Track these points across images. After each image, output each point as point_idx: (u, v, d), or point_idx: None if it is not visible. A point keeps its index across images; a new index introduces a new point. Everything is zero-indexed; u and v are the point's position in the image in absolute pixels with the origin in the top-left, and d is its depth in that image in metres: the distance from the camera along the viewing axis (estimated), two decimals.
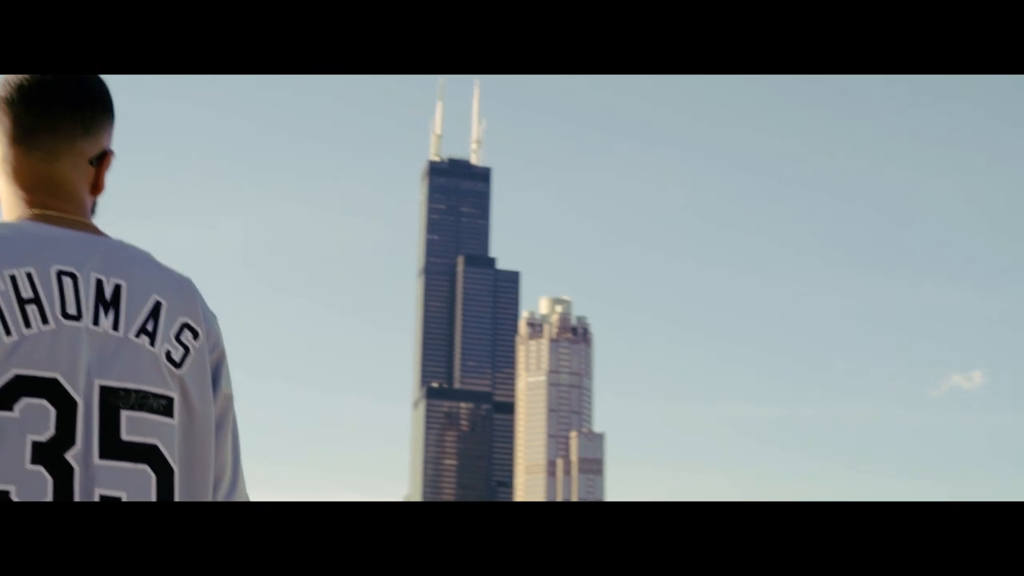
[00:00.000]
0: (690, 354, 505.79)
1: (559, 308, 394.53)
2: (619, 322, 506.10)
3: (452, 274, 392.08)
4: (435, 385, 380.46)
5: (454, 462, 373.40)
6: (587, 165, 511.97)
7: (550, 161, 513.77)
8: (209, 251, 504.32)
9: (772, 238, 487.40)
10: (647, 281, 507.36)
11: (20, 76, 2.24)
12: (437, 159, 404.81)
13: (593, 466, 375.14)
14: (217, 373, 2.30)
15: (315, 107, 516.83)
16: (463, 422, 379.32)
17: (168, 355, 2.20)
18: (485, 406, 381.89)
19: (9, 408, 2.03)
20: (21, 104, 2.22)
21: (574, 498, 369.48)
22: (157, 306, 2.21)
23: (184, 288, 2.28)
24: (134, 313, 2.19)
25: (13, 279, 2.09)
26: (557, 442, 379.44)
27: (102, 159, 2.29)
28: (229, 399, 2.32)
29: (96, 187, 2.31)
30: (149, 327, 2.20)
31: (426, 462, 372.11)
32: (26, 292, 2.09)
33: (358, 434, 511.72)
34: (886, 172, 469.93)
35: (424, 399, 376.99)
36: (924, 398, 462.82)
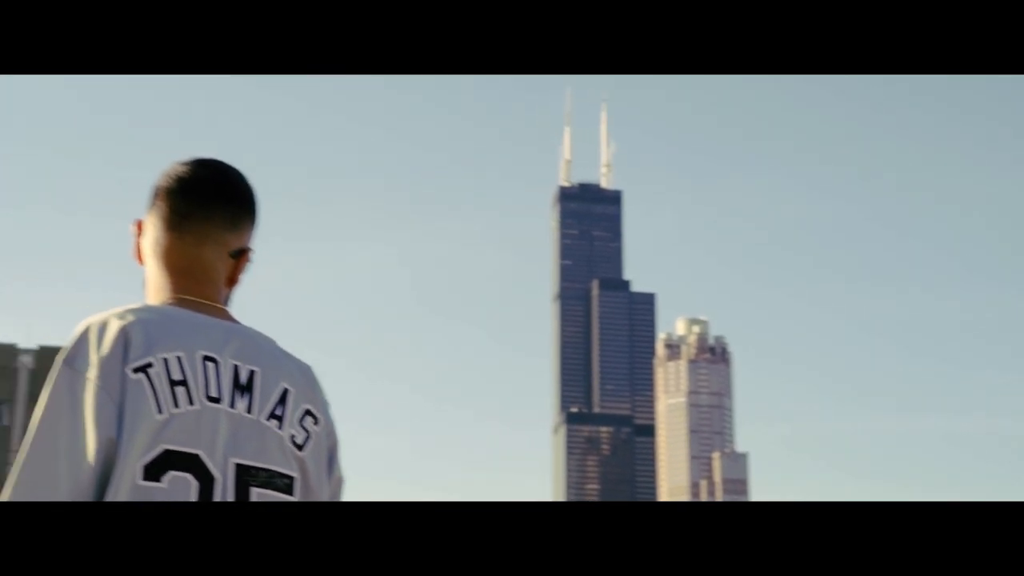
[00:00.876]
0: (832, 370, 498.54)
1: (696, 328, 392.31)
2: (758, 340, 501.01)
3: (587, 298, 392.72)
4: (574, 410, 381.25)
5: (596, 486, 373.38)
6: (719, 183, 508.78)
7: (681, 181, 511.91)
8: (333, 286, 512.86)
9: (910, 251, 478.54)
10: (784, 298, 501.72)
11: (182, 168, 2.51)
12: (567, 184, 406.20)
13: (737, 487, 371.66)
14: (332, 457, 2.53)
15: (446, 135, 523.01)
16: (604, 446, 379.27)
17: (292, 438, 2.44)
18: (625, 429, 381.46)
19: (158, 480, 2.26)
20: (179, 193, 2.48)
21: None
22: (285, 393, 2.45)
23: (307, 376, 2.52)
24: (265, 398, 2.42)
25: (165, 362, 2.33)
26: (699, 463, 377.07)
27: (241, 254, 2.54)
28: (340, 482, 2.55)
29: (232, 279, 2.54)
30: (278, 412, 2.43)
31: (568, 487, 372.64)
32: (176, 375, 2.34)
33: (499, 460, 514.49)
34: (998, 180, 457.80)
35: (564, 424, 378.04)
36: None
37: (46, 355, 56.19)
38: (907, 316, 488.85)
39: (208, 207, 2.49)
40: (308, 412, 2.48)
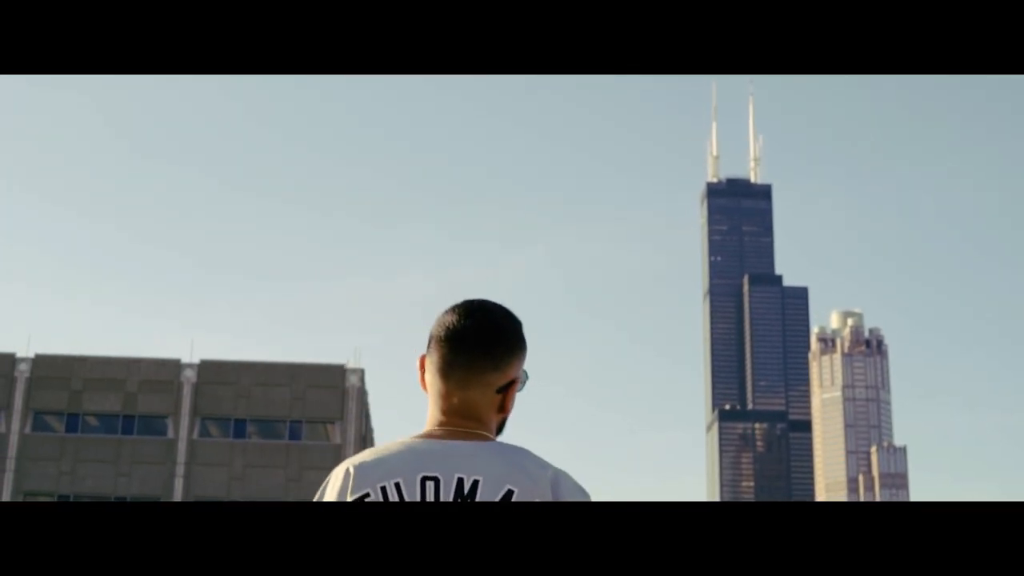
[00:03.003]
0: (991, 360, 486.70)
1: (851, 321, 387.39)
2: (914, 331, 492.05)
3: (738, 294, 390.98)
4: (727, 407, 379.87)
5: (752, 483, 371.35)
6: (869, 174, 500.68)
7: (831, 172, 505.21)
8: (501, 281, 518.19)
9: None
10: (940, 288, 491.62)
11: (450, 318, 2.86)
12: (715, 180, 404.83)
13: (897, 480, 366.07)
14: None
15: (595, 136, 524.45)
16: (759, 443, 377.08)
17: None
18: (780, 425, 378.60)
19: None
20: (446, 343, 2.83)
21: None
22: (508, 494, 2.65)
23: (539, 480, 2.69)
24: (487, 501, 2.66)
25: (383, 489, 2.65)
26: (857, 458, 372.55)
27: (508, 387, 2.85)
28: None
29: (503, 409, 2.87)
30: None
31: (723, 485, 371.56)
32: (393, 498, 2.65)
33: (655, 460, 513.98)
34: None
35: (717, 422, 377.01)
36: None
37: (43, 363, 58.94)
38: None
39: (471, 356, 2.80)
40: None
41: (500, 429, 2.86)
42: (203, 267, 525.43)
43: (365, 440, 62.26)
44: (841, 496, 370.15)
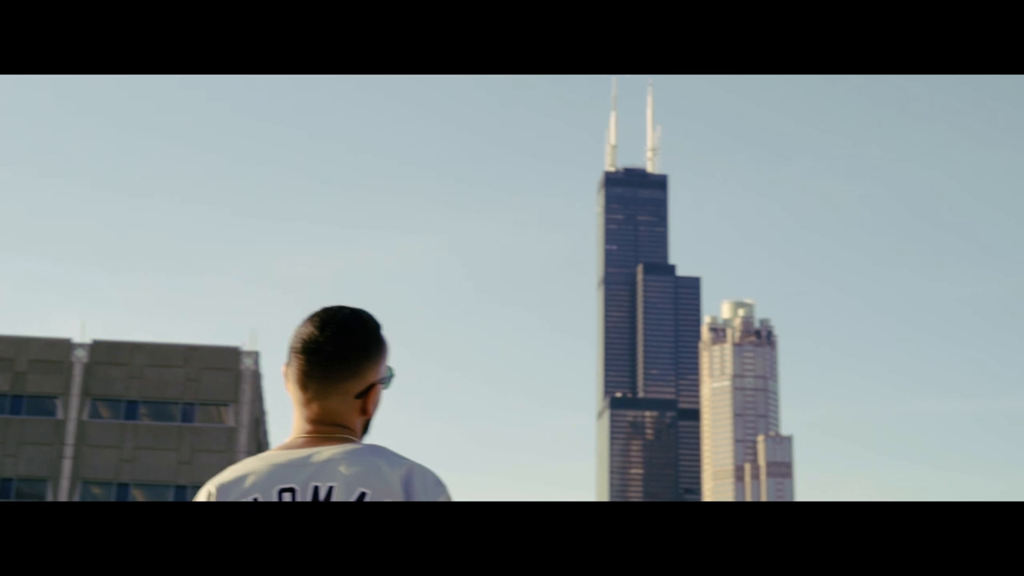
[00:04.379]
0: (877, 352, 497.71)
1: (742, 312, 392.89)
2: (804, 323, 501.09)
3: (632, 283, 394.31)
4: (619, 395, 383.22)
5: (640, 471, 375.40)
6: (764, 166, 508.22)
7: (727, 164, 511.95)
8: (392, 275, 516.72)
9: (955, 233, 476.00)
10: (829, 280, 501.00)
11: (306, 330, 2.96)
12: (612, 169, 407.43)
13: (782, 469, 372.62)
14: None
15: (484, 127, 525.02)
16: (648, 430, 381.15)
17: None
18: (670, 414, 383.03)
19: None
20: (303, 355, 2.94)
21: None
22: (362, 496, 2.74)
23: (391, 479, 2.79)
24: None
25: None
26: (744, 447, 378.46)
27: (369, 391, 2.97)
28: None
29: (364, 412, 2.98)
30: None
31: (612, 471, 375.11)
32: None
33: (545, 443, 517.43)
34: None
35: (608, 409, 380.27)
36: None
37: (100, 349, 58.79)
38: (951, 300, 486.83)
39: (327, 367, 2.92)
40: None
41: (366, 429, 2.99)
42: (98, 248, 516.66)
43: (259, 423, 61.85)
44: (727, 484, 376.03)
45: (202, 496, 2.82)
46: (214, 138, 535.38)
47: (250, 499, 2.75)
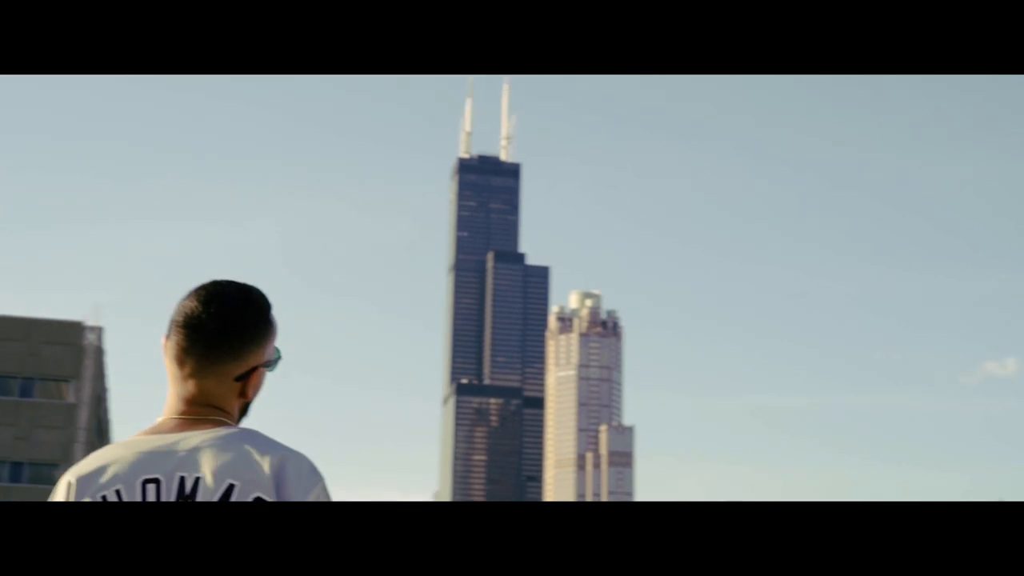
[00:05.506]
0: (720, 346, 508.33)
1: (589, 302, 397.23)
2: (649, 315, 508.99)
3: (482, 270, 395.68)
4: (465, 381, 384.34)
5: (484, 457, 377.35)
6: (617, 159, 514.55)
7: (580, 156, 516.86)
8: (243, 249, 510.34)
9: (798, 230, 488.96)
10: (677, 274, 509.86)
11: (189, 305, 2.78)
12: (467, 156, 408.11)
13: (623, 459, 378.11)
14: None
15: (345, 107, 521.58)
16: (493, 418, 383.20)
17: None
18: (515, 401, 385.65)
19: None
20: (184, 329, 2.77)
21: (603, 491, 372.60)
22: (230, 488, 2.60)
23: (260, 470, 2.64)
24: (207, 499, 2.60)
25: (104, 499, 2.61)
26: (587, 436, 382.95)
27: (250, 374, 2.80)
28: None
29: (243, 395, 2.82)
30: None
31: (456, 458, 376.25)
32: None
33: (389, 430, 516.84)
34: (907, 162, 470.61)
35: (454, 395, 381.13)
36: (957, 386, 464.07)
37: None
38: (787, 296, 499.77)
39: (208, 345, 2.75)
40: (259, 500, 2.61)
41: (244, 413, 2.84)
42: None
43: (100, 400, 60.72)
44: (569, 472, 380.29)
45: (61, 487, 2.67)
46: (60, 101, 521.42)
47: (112, 491, 2.59)
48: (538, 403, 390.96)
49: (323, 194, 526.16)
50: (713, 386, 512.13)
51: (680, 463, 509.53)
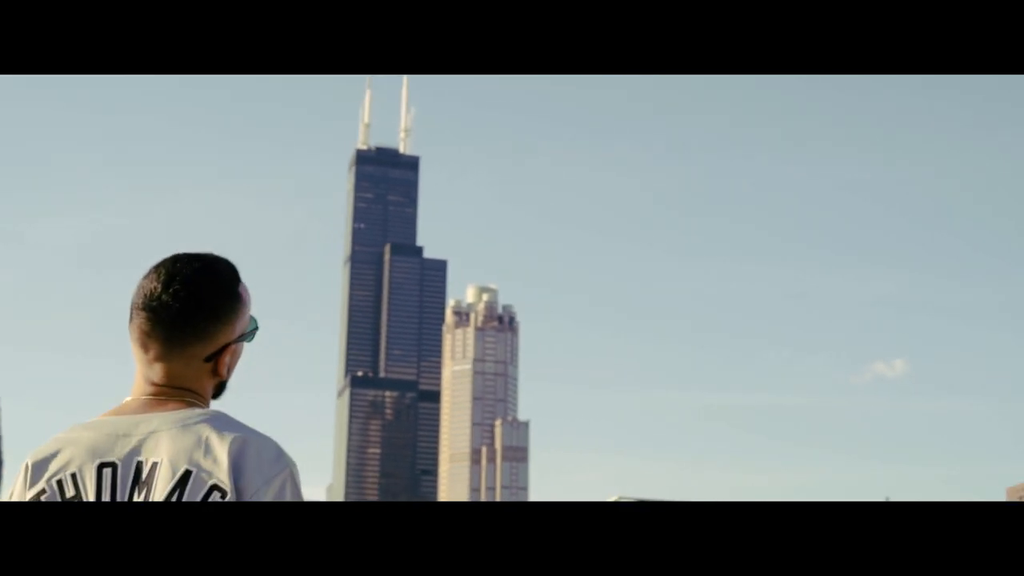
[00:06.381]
0: (615, 342, 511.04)
1: (486, 296, 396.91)
2: (545, 310, 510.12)
3: (379, 263, 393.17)
4: (360, 374, 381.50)
5: (378, 451, 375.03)
6: (515, 154, 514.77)
7: (478, 150, 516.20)
8: (136, 241, 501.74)
9: (696, 225, 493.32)
10: (573, 269, 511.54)
11: (148, 285, 2.62)
12: (365, 148, 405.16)
13: (517, 454, 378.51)
14: None
15: (240, 95, 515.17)
16: (388, 411, 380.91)
17: None
18: (410, 395, 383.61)
19: None
20: (144, 312, 2.61)
21: (497, 485, 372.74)
22: (186, 474, 2.46)
23: (219, 455, 2.50)
24: (163, 485, 2.46)
25: (59, 483, 2.51)
26: (482, 430, 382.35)
27: (220, 353, 2.64)
28: None
29: (216, 374, 2.67)
30: (174, 497, 2.46)
31: (350, 451, 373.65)
32: (70, 492, 2.49)
33: (282, 424, 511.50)
34: (811, 159, 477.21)
35: (349, 388, 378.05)
36: (846, 385, 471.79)
37: None
38: (692, 294, 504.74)
39: (170, 328, 2.59)
40: (215, 488, 2.48)
41: (219, 392, 2.71)
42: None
43: None
44: (464, 466, 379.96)
45: (20, 470, 2.54)
46: None
47: (67, 475, 2.50)
48: (434, 397, 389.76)
49: (217, 184, 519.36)
50: (609, 381, 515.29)
51: (575, 458, 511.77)
